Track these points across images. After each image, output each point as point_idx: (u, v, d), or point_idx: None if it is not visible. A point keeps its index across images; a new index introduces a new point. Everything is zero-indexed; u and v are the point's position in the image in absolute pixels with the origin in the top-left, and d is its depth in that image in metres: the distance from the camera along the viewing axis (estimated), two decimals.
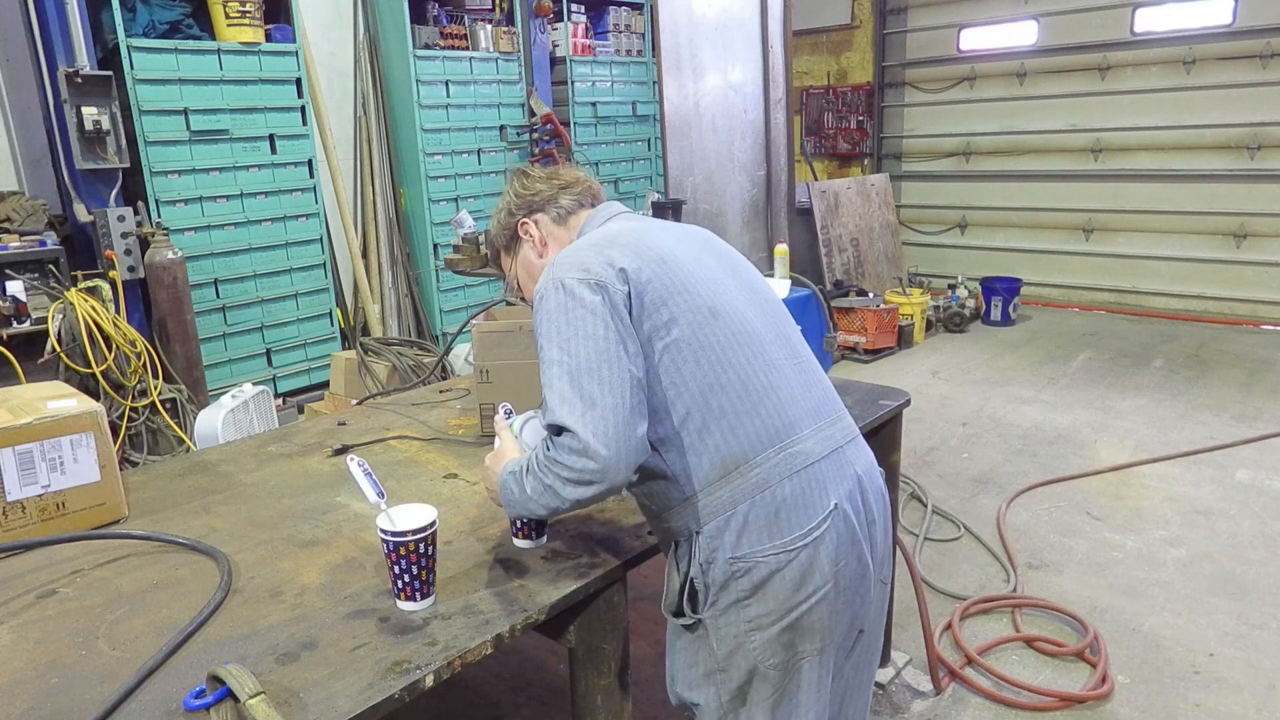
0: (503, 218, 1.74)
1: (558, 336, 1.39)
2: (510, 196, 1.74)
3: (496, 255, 1.82)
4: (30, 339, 3.94)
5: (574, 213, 1.71)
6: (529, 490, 1.40)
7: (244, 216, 4.97)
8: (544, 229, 1.71)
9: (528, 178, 1.74)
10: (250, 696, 1.14)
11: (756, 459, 1.42)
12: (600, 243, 1.49)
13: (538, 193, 1.71)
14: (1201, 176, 7.24)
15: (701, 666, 1.52)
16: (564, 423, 1.33)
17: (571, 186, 1.72)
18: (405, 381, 4.07)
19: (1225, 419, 4.95)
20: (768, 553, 1.42)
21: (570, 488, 1.35)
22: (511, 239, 1.74)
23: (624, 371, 1.36)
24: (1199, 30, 7.03)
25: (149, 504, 1.92)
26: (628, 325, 1.40)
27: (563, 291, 1.41)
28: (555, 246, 1.69)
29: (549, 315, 1.41)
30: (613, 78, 6.91)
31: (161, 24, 4.57)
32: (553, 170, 1.75)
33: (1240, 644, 2.91)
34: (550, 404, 1.37)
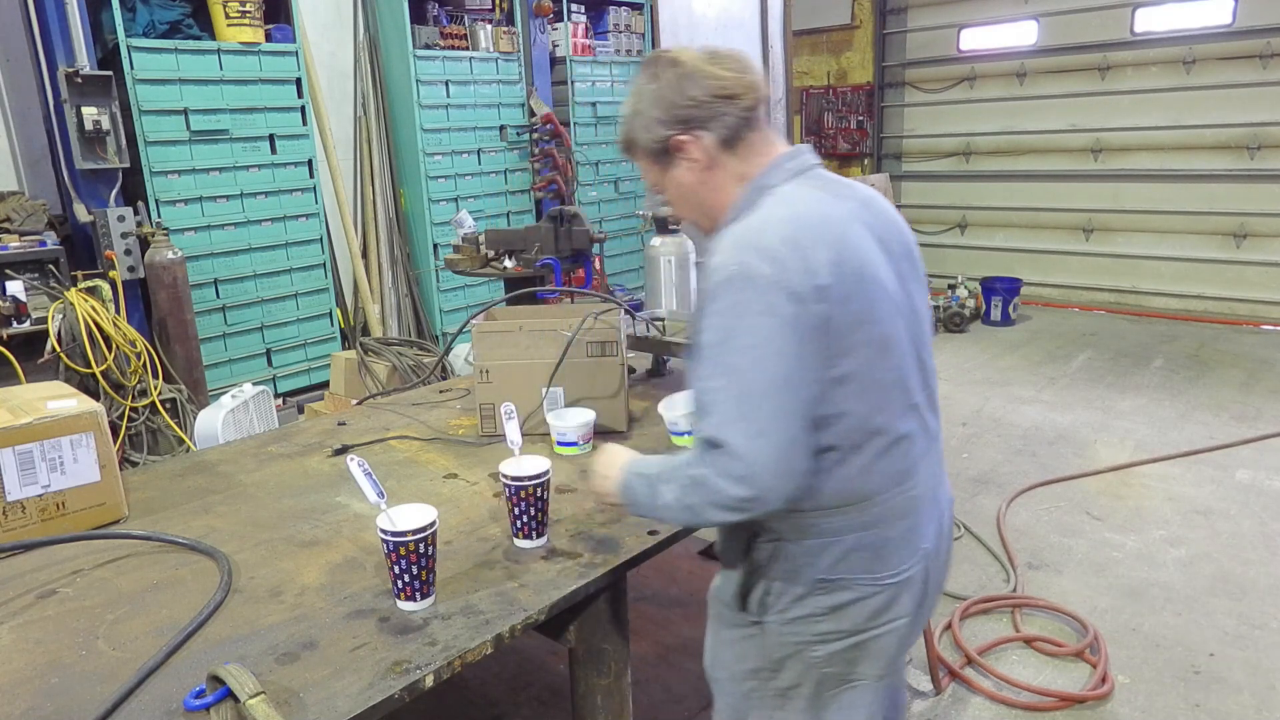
0: (649, 124, 1.43)
1: (738, 342, 1.25)
2: (653, 98, 1.41)
3: (627, 153, 1.52)
4: (30, 339, 3.93)
5: (744, 137, 1.41)
6: (668, 500, 1.34)
7: (244, 216, 4.96)
8: (709, 152, 1.41)
9: (682, 75, 1.39)
10: (250, 696, 1.14)
11: (879, 498, 1.38)
12: (799, 230, 1.29)
13: (695, 103, 1.38)
14: (1201, 176, 7.24)
15: (750, 663, 1.50)
16: (728, 442, 1.23)
17: (737, 97, 1.39)
18: (405, 381, 4.07)
19: (1225, 419, 4.95)
20: (860, 583, 1.39)
21: (717, 512, 1.28)
22: (661, 152, 1.44)
23: (802, 404, 1.25)
24: (1199, 30, 7.03)
25: (149, 504, 1.92)
26: (816, 349, 1.25)
27: (753, 289, 1.24)
28: (725, 177, 1.43)
29: (732, 309, 1.26)
30: (613, 78, 6.91)
31: (161, 24, 4.57)
32: (711, 67, 1.39)
33: (1240, 644, 2.91)
34: (712, 416, 1.26)
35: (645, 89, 1.43)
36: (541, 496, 1.64)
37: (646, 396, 2.59)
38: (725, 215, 1.43)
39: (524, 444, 1.73)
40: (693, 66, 1.39)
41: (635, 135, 1.46)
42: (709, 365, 1.27)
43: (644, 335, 2.65)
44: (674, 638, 2.45)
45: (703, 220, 1.50)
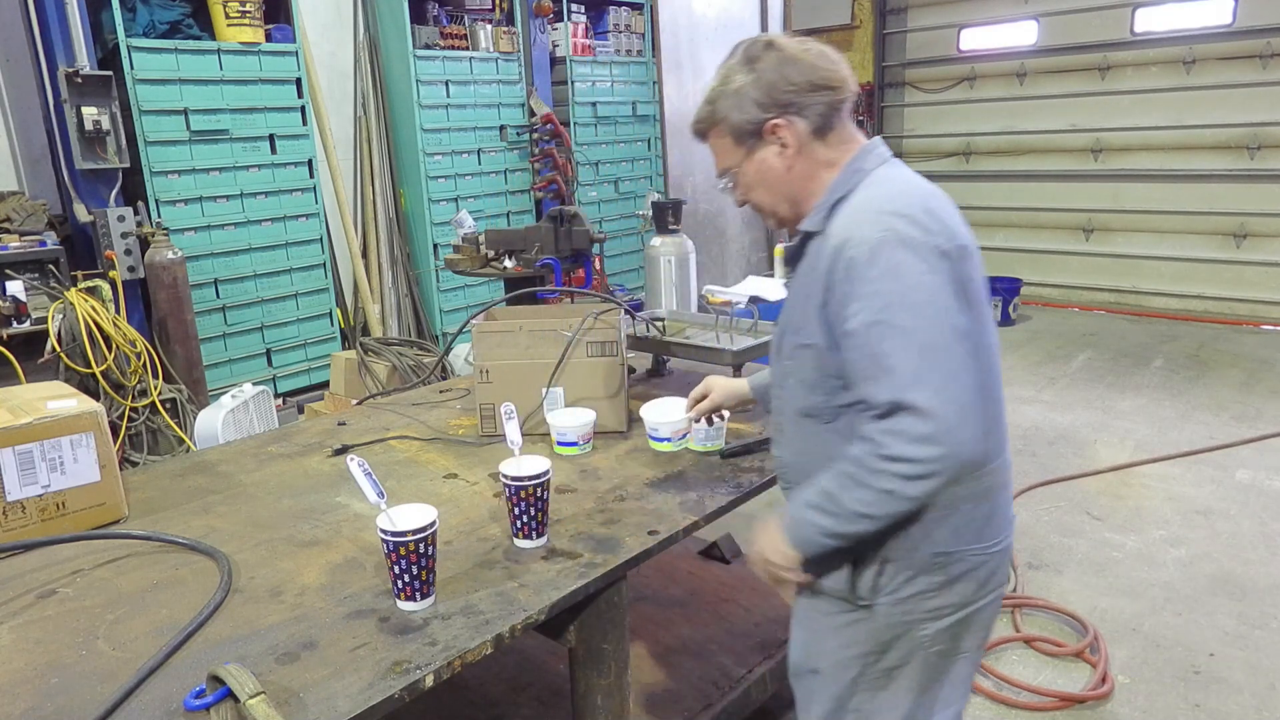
0: (744, 104, 1.42)
1: (906, 301, 1.25)
2: (752, 79, 1.41)
3: (705, 130, 1.50)
4: (30, 339, 3.93)
5: (833, 127, 1.43)
6: (858, 507, 1.31)
7: (244, 216, 4.96)
8: (800, 138, 1.42)
9: (783, 60, 1.40)
10: (250, 696, 1.14)
11: (992, 465, 1.41)
12: (926, 198, 1.34)
13: (795, 89, 1.39)
14: (1201, 176, 7.24)
15: (857, 648, 1.49)
16: (914, 401, 1.22)
17: (834, 88, 1.41)
18: (405, 381, 4.07)
19: (1225, 419, 4.95)
20: (972, 552, 1.41)
21: (915, 484, 1.25)
22: (751, 134, 1.44)
23: (972, 357, 1.26)
24: (1199, 30, 7.03)
25: (149, 504, 1.92)
26: (966, 306, 1.29)
27: (909, 249, 1.26)
28: (813, 164, 1.43)
29: (891, 273, 1.26)
30: (613, 78, 6.91)
31: (161, 24, 4.57)
32: (810, 56, 1.40)
33: (1240, 644, 2.91)
34: (888, 380, 1.24)
35: (740, 69, 1.42)
36: (541, 496, 1.64)
37: (646, 397, 2.59)
38: (808, 202, 1.44)
39: (524, 444, 1.73)
40: (793, 53, 1.40)
41: (725, 114, 1.44)
42: (877, 332, 1.25)
43: (644, 335, 2.65)
44: (674, 638, 2.45)
45: (780, 205, 1.48)
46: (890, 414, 1.25)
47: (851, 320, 1.29)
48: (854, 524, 1.34)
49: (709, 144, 1.52)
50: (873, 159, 1.43)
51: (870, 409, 1.30)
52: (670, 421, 2.10)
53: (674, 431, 2.09)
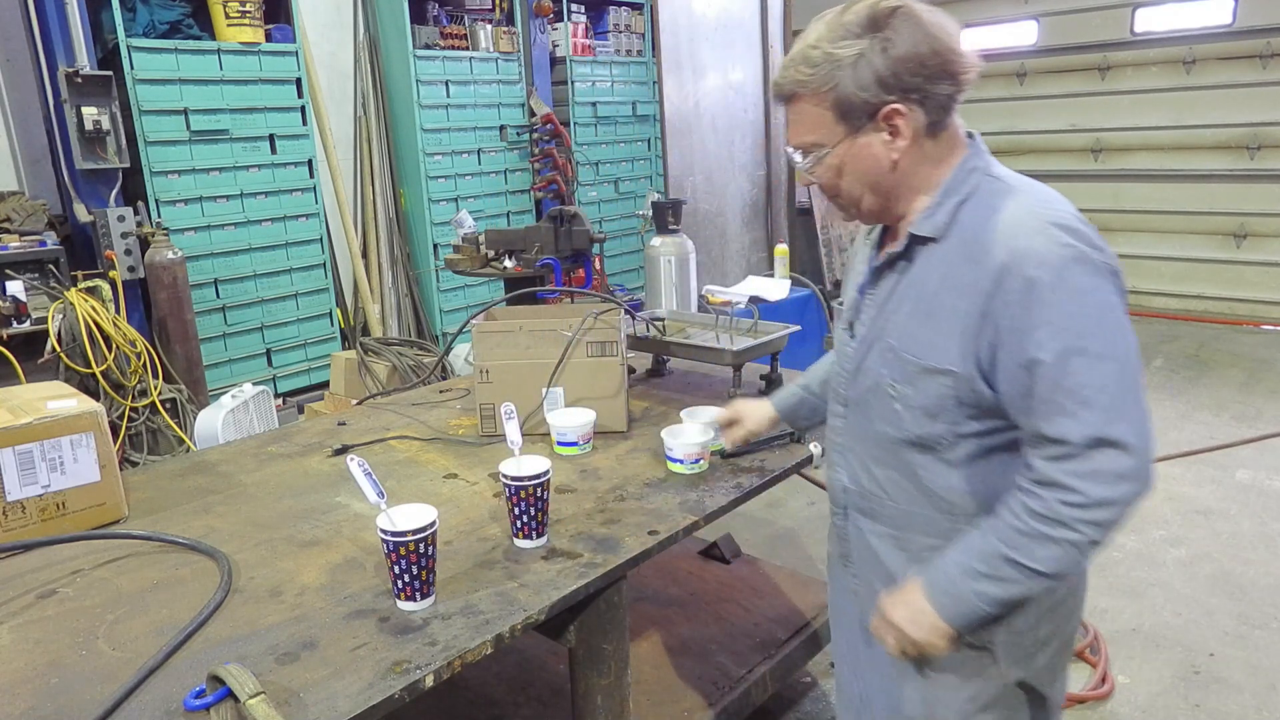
0: (866, 78, 1.20)
1: (1105, 325, 1.14)
2: (880, 50, 1.20)
3: (796, 94, 1.27)
4: (30, 339, 3.93)
5: (947, 125, 1.27)
6: (1041, 566, 1.18)
7: (244, 216, 4.96)
8: (916, 131, 1.25)
9: (921, 36, 1.19)
10: (250, 696, 1.14)
11: None
12: (1074, 211, 1.22)
13: (926, 71, 1.20)
14: (1201, 176, 7.24)
15: (983, 698, 1.39)
16: (1117, 436, 1.12)
17: (962, 76, 1.23)
18: (405, 381, 4.07)
19: (1225, 419, 4.95)
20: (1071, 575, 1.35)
21: (1108, 531, 1.16)
22: (860, 113, 1.23)
23: None
24: (1199, 30, 7.03)
25: (149, 504, 1.92)
26: None
27: (1091, 269, 1.15)
28: (919, 161, 1.28)
29: (1082, 296, 1.14)
30: (613, 78, 6.91)
31: (161, 24, 4.57)
32: (949, 38, 1.22)
33: (1240, 644, 2.91)
34: (1093, 412, 1.13)
35: (863, 32, 1.20)
36: (541, 496, 1.64)
37: (646, 396, 2.59)
38: (904, 200, 1.31)
39: (524, 444, 1.73)
40: (929, 27, 1.20)
41: (835, 83, 1.21)
42: (1075, 363, 1.13)
43: (644, 335, 2.65)
44: (674, 638, 2.45)
45: (868, 198, 1.32)
46: (1085, 452, 1.14)
47: (1038, 350, 1.15)
48: (1033, 585, 1.20)
49: (793, 109, 1.30)
50: (985, 159, 1.31)
51: (1050, 448, 1.17)
52: (683, 442, 2.00)
53: (686, 454, 2.00)
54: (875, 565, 1.46)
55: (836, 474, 1.50)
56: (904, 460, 1.36)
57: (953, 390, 1.26)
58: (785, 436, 2.16)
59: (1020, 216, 1.20)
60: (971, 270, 1.21)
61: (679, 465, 2.00)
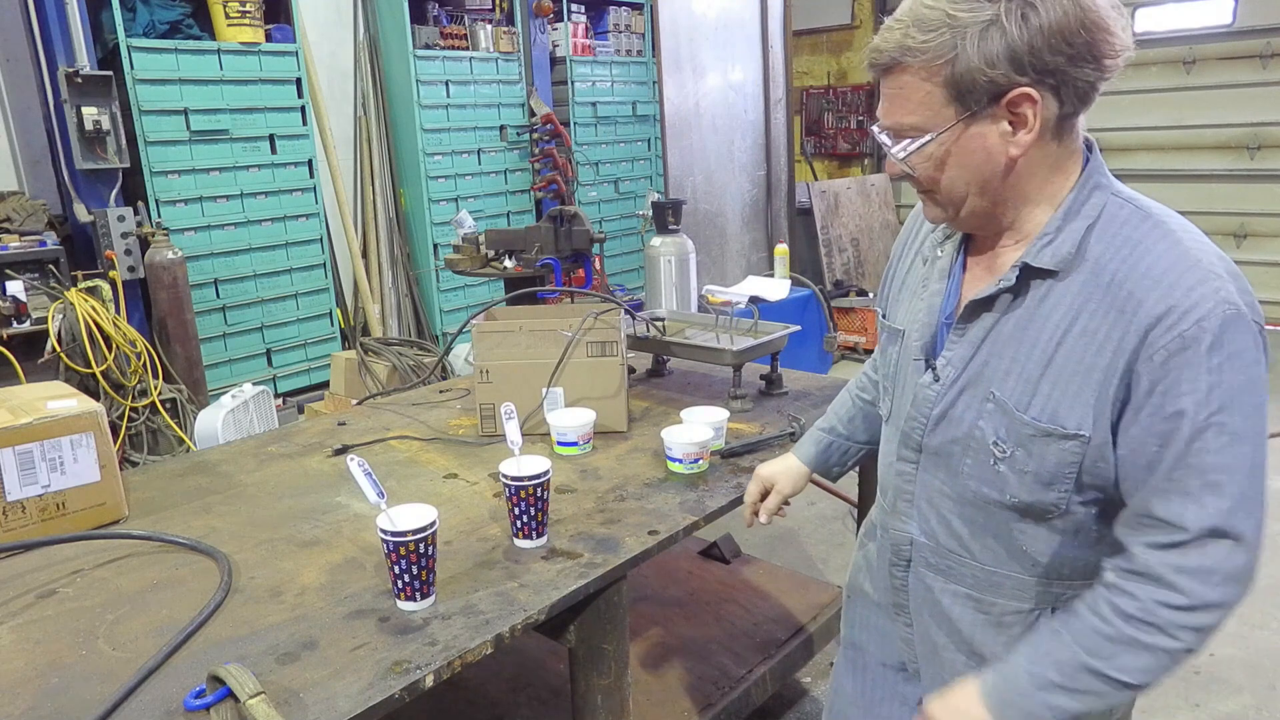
0: (993, 50, 0.98)
1: (1244, 402, 0.98)
2: (1019, 18, 0.97)
3: (901, 64, 1.04)
4: (30, 339, 3.93)
5: (1076, 125, 1.06)
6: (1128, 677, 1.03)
7: (244, 216, 4.96)
8: (1045, 124, 1.03)
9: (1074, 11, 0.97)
10: (250, 696, 1.14)
11: None
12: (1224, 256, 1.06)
13: (1071, 50, 0.98)
14: (1201, 176, 7.24)
15: None
16: (1240, 530, 0.98)
17: (1110, 61, 1.00)
18: (405, 381, 4.07)
19: None
20: None
21: (1207, 638, 1.02)
22: (982, 95, 1.01)
23: None
24: (1199, 30, 7.03)
25: (149, 504, 1.92)
26: None
27: (1249, 334, 0.98)
28: (1040, 161, 1.07)
29: (1236, 363, 0.97)
30: (613, 78, 6.91)
31: (161, 24, 4.57)
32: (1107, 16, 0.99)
33: (1240, 644, 2.91)
34: (1219, 498, 0.98)
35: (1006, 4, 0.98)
36: (541, 496, 1.64)
37: (646, 396, 2.59)
38: (1015, 210, 1.11)
39: (524, 444, 1.73)
40: (1090, 3, 0.98)
41: (956, 54, 0.99)
42: (1210, 438, 0.98)
43: (644, 335, 2.65)
44: (674, 638, 2.45)
45: (973, 199, 1.10)
46: (1199, 543, 0.99)
47: (1178, 420, 0.99)
48: (1115, 698, 1.05)
49: (891, 81, 1.07)
50: (1106, 172, 1.10)
51: (1157, 533, 1.02)
52: (683, 442, 1.99)
53: (686, 454, 1.98)
54: (943, 622, 1.31)
55: (903, 524, 1.31)
56: (1001, 524, 1.18)
57: (1078, 458, 1.07)
58: (786, 436, 2.16)
59: (1176, 260, 1.02)
60: (1115, 321, 1.02)
61: (679, 465, 2.00)
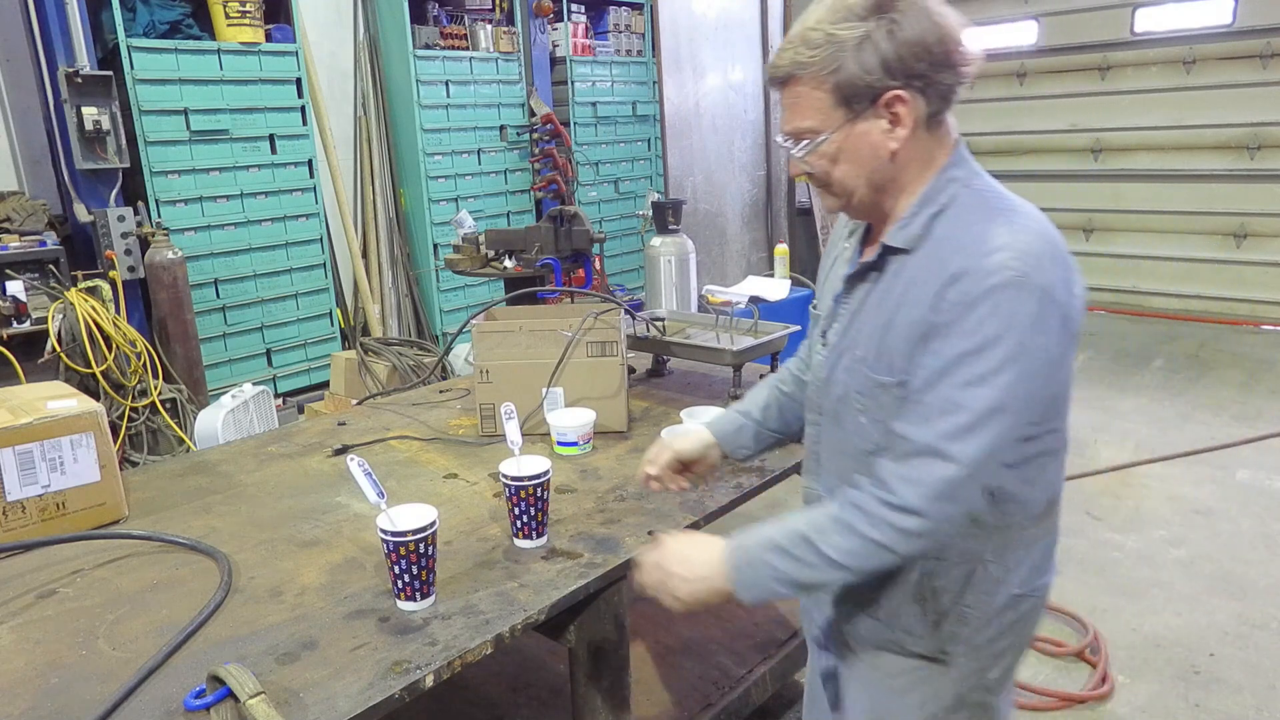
0: (868, 58, 1.16)
1: (1005, 357, 1.12)
2: (886, 32, 1.15)
3: (794, 76, 1.21)
4: (30, 339, 3.93)
5: (944, 121, 1.24)
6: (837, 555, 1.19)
7: (244, 216, 4.96)
8: (917, 119, 1.20)
9: (926, 19, 1.16)
10: (250, 696, 1.14)
11: (1059, 500, 1.37)
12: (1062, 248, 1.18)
13: (931, 59, 1.16)
14: (1201, 176, 7.24)
15: (936, 704, 1.37)
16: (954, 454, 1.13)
17: (965, 68, 1.19)
18: (405, 381, 4.07)
19: (1225, 419, 4.95)
20: (1040, 589, 1.36)
21: (912, 541, 1.18)
22: (863, 98, 1.18)
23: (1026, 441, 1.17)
24: (1199, 30, 7.03)
25: (149, 504, 1.92)
26: None
27: (1043, 309, 1.12)
28: (916, 155, 1.23)
29: (1013, 322, 1.12)
30: (613, 78, 6.91)
31: (161, 24, 4.57)
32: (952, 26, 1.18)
33: (1240, 644, 2.91)
34: (947, 421, 1.14)
35: (867, 13, 1.16)
36: (541, 496, 1.64)
37: (646, 396, 2.59)
38: (895, 198, 1.26)
39: (524, 444, 1.73)
40: (935, 12, 1.17)
41: (838, 64, 1.16)
42: (960, 372, 1.14)
43: (644, 335, 2.65)
44: (674, 638, 2.45)
45: (861, 190, 1.26)
46: (917, 457, 1.15)
47: (937, 355, 1.15)
48: (823, 574, 1.20)
49: (788, 92, 1.24)
50: (966, 168, 1.25)
51: (896, 445, 1.19)
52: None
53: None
54: None
55: (813, 483, 1.45)
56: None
57: (902, 402, 1.22)
58: None
59: (989, 237, 1.15)
60: (932, 284, 1.18)
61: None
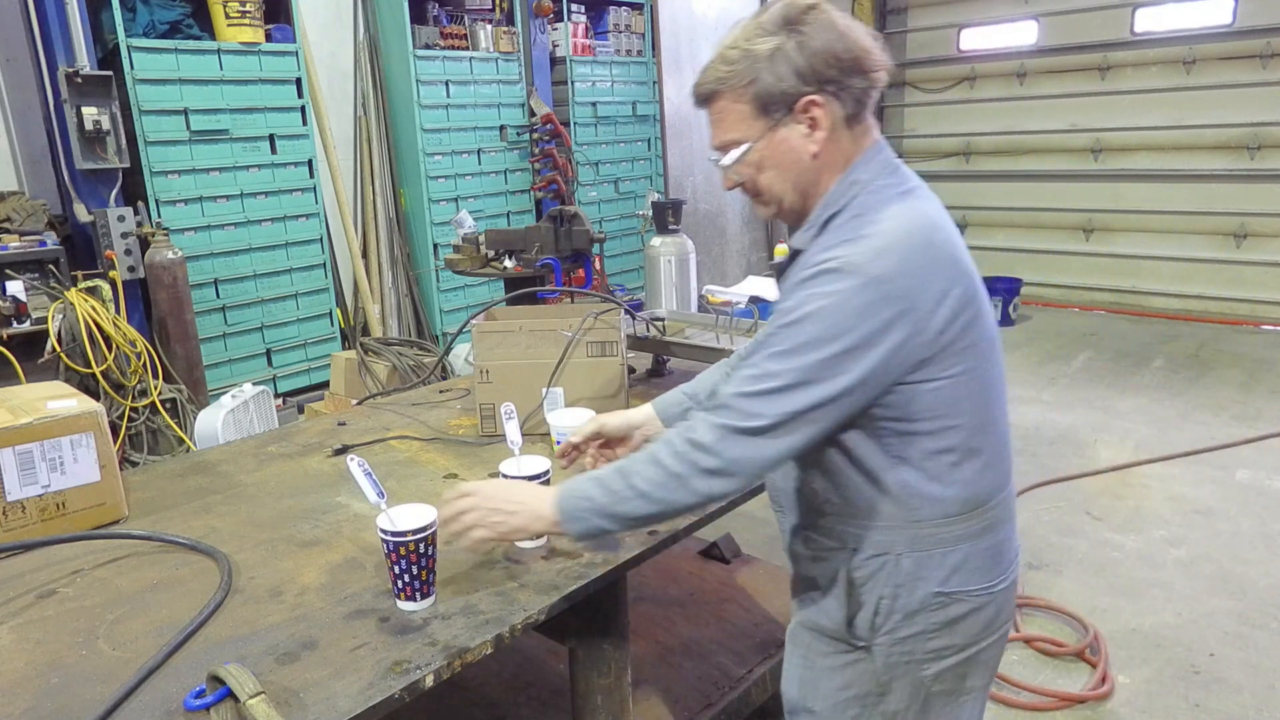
0: (782, 70, 1.23)
1: (811, 336, 1.20)
2: (796, 43, 1.23)
3: (717, 93, 1.29)
4: (30, 339, 3.93)
5: (863, 120, 1.30)
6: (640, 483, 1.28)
7: (244, 216, 4.96)
8: (834, 122, 1.27)
9: (830, 28, 1.24)
10: (250, 696, 1.14)
11: (991, 502, 1.35)
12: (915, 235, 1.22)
13: (840, 65, 1.24)
14: (1201, 176, 7.24)
15: (856, 689, 1.42)
16: (751, 411, 1.22)
17: (874, 73, 1.27)
18: (405, 381, 4.07)
19: (1225, 419, 4.95)
20: (973, 592, 1.35)
21: (705, 480, 1.25)
22: (780, 105, 1.26)
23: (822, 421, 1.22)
24: (1199, 30, 7.03)
25: (149, 504, 1.92)
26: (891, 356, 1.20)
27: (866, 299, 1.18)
28: (836, 158, 1.29)
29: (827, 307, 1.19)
30: (613, 78, 6.91)
31: (161, 24, 4.57)
32: (858, 32, 1.26)
33: (1240, 644, 2.91)
34: (755, 381, 1.22)
35: (777, 30, 1.23)
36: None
37: (646, 396, 2.58)
38: (817, 198, 1.32)
39: (524, 444, 1.73)
40: (840, 24, 1.24)
41: (753, 78, 1.24)
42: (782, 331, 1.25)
43: (644, 335, 2.65)
44: (674, 638, 2.45)
45: (789, 194, 1.32)
46: (722, 406, 1.24)
47: (766, 330, 1.26)
48: (631, 504, 1.29)
49: (713, 109, 1.31)
50: (873, 169, 1.30)
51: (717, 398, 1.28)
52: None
53: None
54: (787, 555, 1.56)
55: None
56: None
57: None
58: None
59: (851, 237, 1.22)
60: (795, 280, 1.27)
61: None
